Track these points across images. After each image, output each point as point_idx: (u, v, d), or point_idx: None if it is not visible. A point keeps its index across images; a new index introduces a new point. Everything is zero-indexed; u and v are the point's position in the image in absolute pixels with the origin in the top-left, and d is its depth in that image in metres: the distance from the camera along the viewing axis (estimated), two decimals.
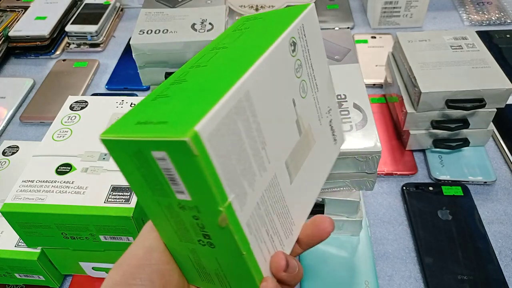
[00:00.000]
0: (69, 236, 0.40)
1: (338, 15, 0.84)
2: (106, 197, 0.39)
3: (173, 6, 0.57)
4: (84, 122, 0.46)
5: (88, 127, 0.46)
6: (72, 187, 0.40)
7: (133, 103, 0.48)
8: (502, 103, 0.52)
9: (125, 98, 0.49)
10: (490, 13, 0.82)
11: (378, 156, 0.38)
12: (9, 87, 0.72)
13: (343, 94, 0.42)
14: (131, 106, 0.48)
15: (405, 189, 0.53)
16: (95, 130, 0.45)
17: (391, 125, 0.61)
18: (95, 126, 0.46)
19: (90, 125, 0.46)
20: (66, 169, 0.41)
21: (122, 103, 0.49)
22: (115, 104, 0.48)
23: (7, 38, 0.77)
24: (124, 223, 0.38)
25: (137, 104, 0.23)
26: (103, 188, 0.39)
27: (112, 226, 0.39)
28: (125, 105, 0.48)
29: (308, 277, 0.45)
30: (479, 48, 0.56)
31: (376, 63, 0.71)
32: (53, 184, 0.40)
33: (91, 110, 0.48)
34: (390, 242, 0.49)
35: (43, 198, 0.39)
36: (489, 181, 0.53)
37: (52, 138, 0.45)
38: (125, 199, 0.39)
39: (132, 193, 0.39)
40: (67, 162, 0.42)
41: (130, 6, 0.91)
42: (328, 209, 0.44)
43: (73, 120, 0.47)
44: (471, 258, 0.46)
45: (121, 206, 0.38)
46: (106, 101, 0.49)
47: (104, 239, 0.41)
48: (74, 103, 0.49)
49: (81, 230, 0.39)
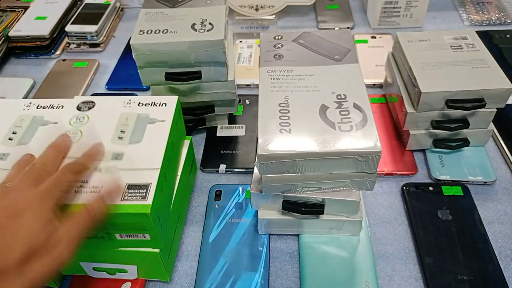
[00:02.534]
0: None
1: (338, 15, 0.84)
2: (122, 195, 0.39)
3: (173, 6, 0.57)
4: (93, 123, 0.46)
5: (98, 128, 0.46)
6: (87, 186, 0.40)
7: (141, 103, 0.48)
8: (502, 103, 0.52)
9: (132, 98, 0.49)
10: (490, 13, 0.82)
11: (378, 156, 0.38)
12: (9, 87, 0.72)
13: (343, 94, 0.42)
14: (139, 105, 0.48)
15: (405, 189, 0.53)
16: (105, 131, 0.45)
17: (391, 125, 0.61)
18: (105, 127, 0.45)
19: (100, 125, 0.46)
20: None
21: (129, 103, 0.48)
22: (123, 104, 0.48)
23: (7, 38, 0.77)
24: (142, 220, 0.39)
25: None
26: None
27: (129, 224, 0.39)
28: (133, 105, 0.48)
29: (308, 277, 0.45)
30: (479, 48, 0.56)
31: (376, 63, 0.71)
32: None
33: (99, 110, 0.48)
34: (390, 242, 0.49)
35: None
36: (489, 181, 0.53)
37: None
38: (141, 196, 0.39)
39: (148, 190, 0.39)
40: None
41: (130, 6, 0.91)
42: (328, 209, 0.44)
43: (81, 121, 0.46)
44: (471, 258, 0.46)
45: (138, 204, 0.38)
46: (113, 101, 0.49)
47: (119, 237, 0.41)
48: (82, 104, 0.48)
49: (97, 229, 0.39)
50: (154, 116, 0.47)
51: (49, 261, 0.33)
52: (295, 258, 0.48)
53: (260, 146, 0.38)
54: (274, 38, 0.51)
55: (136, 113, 0.47)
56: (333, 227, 0.47)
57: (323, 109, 0.41)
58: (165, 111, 0.47)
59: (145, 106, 0.48)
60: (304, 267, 0.46)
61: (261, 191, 0.43)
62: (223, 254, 0.47)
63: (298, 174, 0.40)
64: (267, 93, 0.43)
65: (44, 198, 0.35)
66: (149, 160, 0.42)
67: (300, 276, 0.46)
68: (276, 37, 0.51)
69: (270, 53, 0.48)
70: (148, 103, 0.48)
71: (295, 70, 0.46)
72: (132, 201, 0.39)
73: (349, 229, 0.47)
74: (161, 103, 0.48)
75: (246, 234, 0.49)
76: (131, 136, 0.45)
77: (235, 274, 0.45)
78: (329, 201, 0.43)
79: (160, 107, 0.48)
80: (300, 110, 0.41)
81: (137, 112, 0.47)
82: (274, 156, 0.38)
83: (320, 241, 0.48)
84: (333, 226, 0.46)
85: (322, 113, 0.41)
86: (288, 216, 0.46)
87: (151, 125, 0.46)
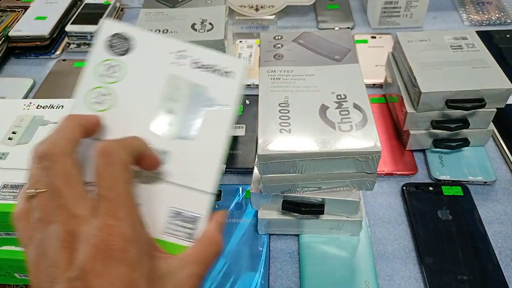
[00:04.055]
0: None
1: (338, 15, 0.84)
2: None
3: (173, 6, 0.57)
4: (129, 80, 0.31)
5: (136, 91, 0.30)
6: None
7: (199, 60, 0.33)
8: (502, 103, 0.52)
9: (187, 47, 0.33)
10: (490, 13, 0.82)
11: (378, 156, 0.38)
12: (9, 87, 0.72)
13: (343, 94, 0.42)
14: (195, 65, 0.33)
15: (405, 189, 0.53)
16: (146, 102, 0.31)
17: (391, 125, 0.61)
18: (146, 94, 0.31)
19: (139, 88, 0.31)
20: None
21: (180, 57, 0.32)
22: (172, 55, 0.32)
23: (7, 38, 0.77)
24: None
25: None
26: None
27: None
28: (185, 62, 0.32)
29: (308, 277, 0.45)
30: (479, 48, 0.56)
31: (376, 63, 0.71)
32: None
33: (139, 59, 0.32)
34: (390, 242, 0.49)
35: None
36: (489, 181, 0.53)
37: (87, 105, 0.30)
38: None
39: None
40: None
41: (130, 6, 0.91)
42: (328, 209, 0.44)
43: (112, 74, 0.30)
44: (471, 258, 0.46)
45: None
46: (161, 46, 0.33)
47: None
48: (114, 38, 0.32)
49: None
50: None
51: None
52: (295, 258, 0.48)
53: (260, 146, 0.38)
54: (274, 38, 0.51)
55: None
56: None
57: (323, 109, 0.41)
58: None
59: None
60: (304, 267, 0.46)
61: (261, 191, 0.43)
62: (223, 254, 0.47)
63: (298, 174, 0.40)
64: (267, 93, 0.43)
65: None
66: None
67: (300, 276, 0.46)
68: (276, 37, 0.51)
69: (270, 53, 0.48)
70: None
71: (295, 70, 0.46)
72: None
73: (349, 229, 0.47)
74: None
75: (246, 234, 0.49)
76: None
77: (235, 274, 0.45)
78: (329, 201, 0.43)
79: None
80: (300, 110, 0.41)
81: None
82: (274, 156, 0.38)
83: (320, 241, 0.48)
84: (333, 226, 0.46)
85: (322, 113, 0.41)
86: (288, 216, 0.46)
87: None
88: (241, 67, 0.34)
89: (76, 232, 0.24)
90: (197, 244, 0.29)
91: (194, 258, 0.27)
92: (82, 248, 0.23)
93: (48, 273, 0.24)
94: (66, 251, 0.24)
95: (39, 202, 0.25)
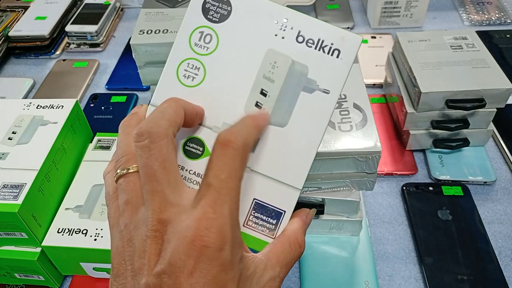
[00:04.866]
0: None
1: (338, 15, 0.84)
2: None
3: (173, 6, 0.57)
4: (225, 51, 0.27)
5: (231, 66, 0.27)
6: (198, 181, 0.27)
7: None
8: (502, 103, 0.52)
9: (295, 16, 0.29)
10: (490, 13, 0.82)
11: (378, 156, 0.38)
12: (9, 87, 0.72)
13: (343, 94, 0.42)
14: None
15: (405, 189, 0.53)
16: (241, 79, 0.27)
17: (391, 125, 0.61)
18: (241, 69, 0.27)
19: (235, 62, 0.27)
20: (197, 150, 0.26)
21: (285, 27, 0.28)
22: (276, 26, 0.28)
23: (7, 38, 0.77)
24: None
25: None
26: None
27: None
28: (290, 34, 0.28)
29: (308, 277, 0.45)
30: (479, 48, 0.56)
31: (376, 63, 0.71)
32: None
33: (238, 28, 0.27)
34: (390, 242, 0.49)
35: None
36: (489, 181, 0.53)
37: (177, 77, 0.27)
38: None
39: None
40: (198, 137, 0.27)
41: (130, 6, 0.91)
42: (328, 209, 0.44)
43: (206, 45, 0.27)
44: (471, 258, 0.46)
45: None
46: (265, 12, 0.28)
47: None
48: (210, 2, 0.27)
49: None
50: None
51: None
52: None
53: None
54: None
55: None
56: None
57: None
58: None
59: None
60: (304, 267, 0.46)
61: None
62: None
63: None
64: None
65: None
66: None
67: (300, 276, 0.46)
68: None
69: None
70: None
71: None
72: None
73: (349, 229, 0.47)
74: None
75: None
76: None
77: None
78: (329, 201, 0.43)
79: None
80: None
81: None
82: None
83: (320, 241, 0.48)
84: (333, 226, 0.46)
85: None
86: None
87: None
88: (355, 43, 0.28)
89: (168, 221, 0.22)
90: (279, 243, 0.27)
91: (278, 260, 0.26)
92: (174, 240, 0.21)
93: (133, 263, 0.22)
94: (155, 241, 0.22)
95: (128, 183, 0.24)
